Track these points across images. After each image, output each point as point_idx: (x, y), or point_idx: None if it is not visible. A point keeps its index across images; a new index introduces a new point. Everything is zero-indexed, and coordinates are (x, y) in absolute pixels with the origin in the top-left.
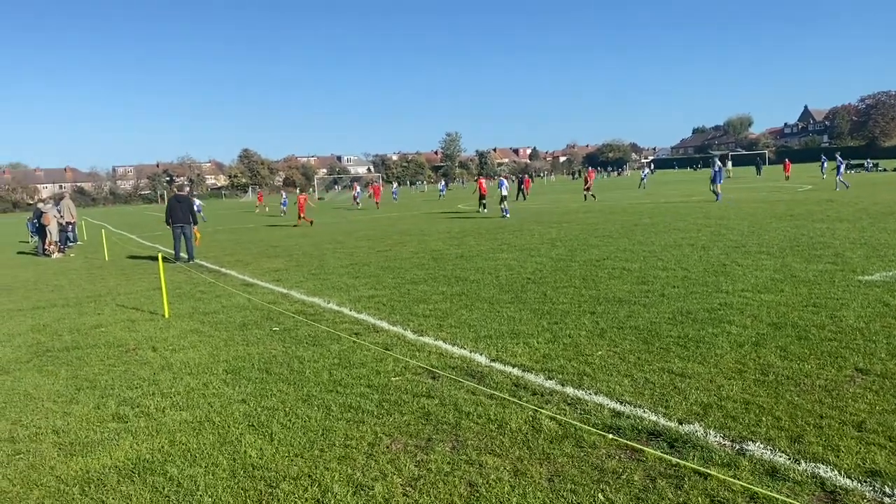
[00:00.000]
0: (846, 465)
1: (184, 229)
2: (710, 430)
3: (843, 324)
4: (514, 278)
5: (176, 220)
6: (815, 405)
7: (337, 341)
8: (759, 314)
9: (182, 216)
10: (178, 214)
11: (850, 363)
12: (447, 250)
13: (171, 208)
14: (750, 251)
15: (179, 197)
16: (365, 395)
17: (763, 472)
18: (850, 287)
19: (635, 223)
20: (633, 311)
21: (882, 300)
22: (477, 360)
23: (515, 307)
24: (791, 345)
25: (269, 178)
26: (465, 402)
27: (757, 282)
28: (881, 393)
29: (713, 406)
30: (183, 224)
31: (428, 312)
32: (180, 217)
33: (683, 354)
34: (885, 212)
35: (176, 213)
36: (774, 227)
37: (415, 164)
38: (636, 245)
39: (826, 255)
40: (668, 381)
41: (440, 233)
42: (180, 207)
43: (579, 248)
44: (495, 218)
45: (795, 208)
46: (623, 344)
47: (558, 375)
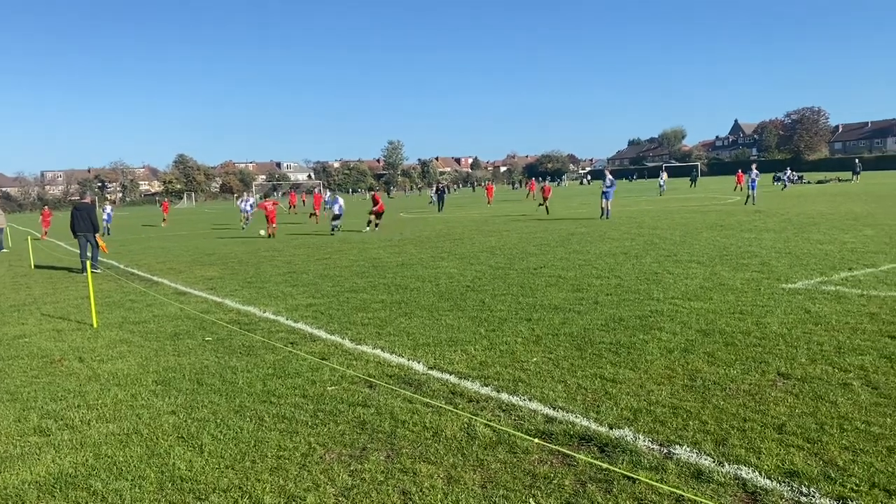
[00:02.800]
0: (767, 467)
1: (88, 238)
2: (640, 435)
3: (767, 330)
4: (454, 286)
5: (78, 230)
6: (740, 409)
7: (272, 351)
8: (688, 321)
9: (84, 225)
10: (79, 224)
11: (773, 368)
12: (388, 258)
13: (73, 218)
14: (681, 260)
15: (80, 206)
16: (299, 406)
17: (689, 475)
18: (775, 295)
19: (571, 232)
20: (568, 318)
21: (804, 307)
22: (415, 367)
23: (454, 315)
24: (718, 351)
25: (206, 185)
26: (402, 411)
27: (687, 289)
28: (801, 396)
29: (643, 411)
30: (86, 233)
31: (367, 321)
32: (82, 226)
33: (615, 360)
34: (809, 222)
35: (78, 223)
36: (705, 236)
37: (357, 172)
38: (572, 254)
39: (753, 264)
40: (599, 387)
41: (381, 241)
42: (81, 216)
43: (518, 256)
44: (437, 225)
45: (725, 219)
46: (558, 350)
47: (494, 382)
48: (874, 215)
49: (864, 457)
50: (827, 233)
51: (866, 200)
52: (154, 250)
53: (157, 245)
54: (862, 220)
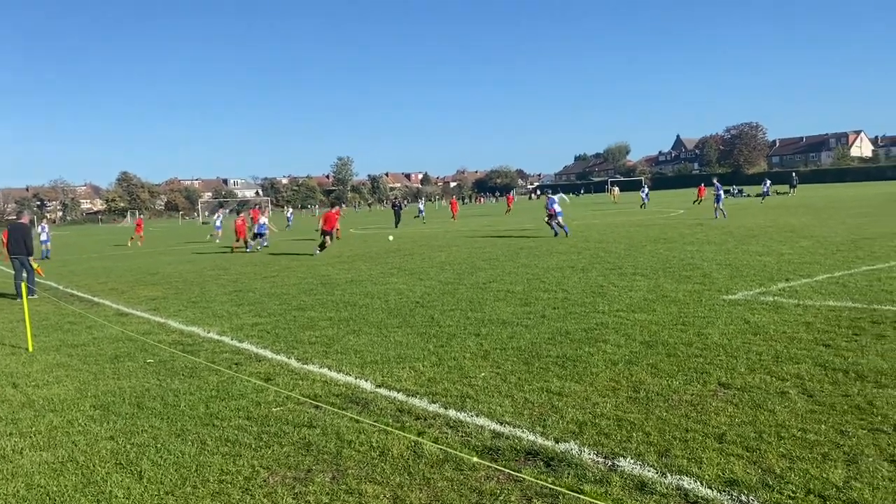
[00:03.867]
0: (708, 476)
1: (22, 261)
2: (585, 448)
3: (708, 341)
4: (403, 302)
5: (12, 252)
6: (682, 419)
7: (216, 372)
8: (632, 333)
9: (16, 247)
10: (12, 245)
11: (714, 378)
12: (337, 275)
13: (7, 239)
14: (626, 273)
15: (14, 227)
16: (243, 428)
17: (633, 487)
18: (716, 306)
19: (520, 247)
20: (516, 332)
21: (743, 318)
22: (362, 386)
23: (403, 331)
24: (661, 362)
25: (150, 202)
26: (348, 431)
27: (631, 302)
28: (740, 406)
29: (588, 424)
30: (20, 255)
31: (314, 339)
32: (15, 248)
33: (562, 374)
34: (748, 235)
35: (11, 244)
36: (649, 249)
37: (305, 188)
38: (520, 268)
39: (695, 276)
40: (546, 401)
41: (330, 257)
42: (14, 238)
43: (467, 271)
44: (383, 243)
45: (668, 232)
46: (505, 365)
47: (442, 398)
48: (810, 227)
49: (801, 464)
50: (766, 245)
51: (803, 213)
52: (95, 271)
53: (98, 265)
54: (799, 232)
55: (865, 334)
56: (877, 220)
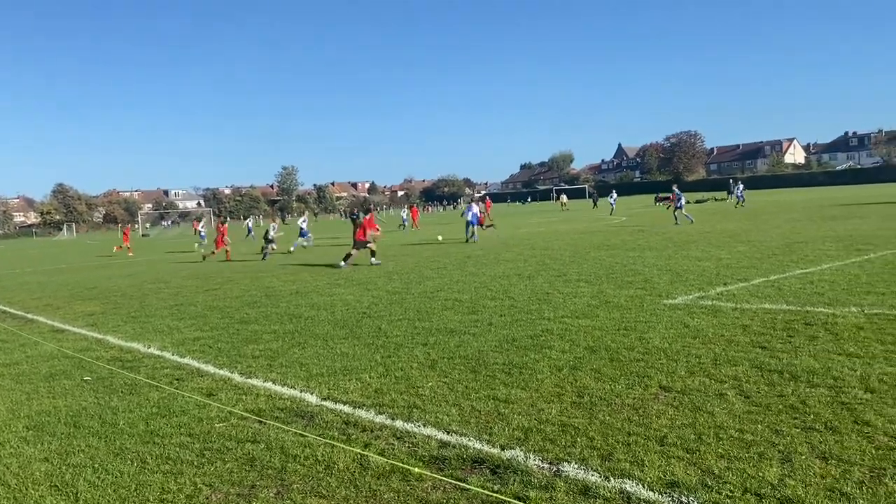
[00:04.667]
0: (649, 479)
1: None
2: (530, 454)
3: (649, 345)
4: (350, 313)
5: None
6: (624, 423)
7: (156, 389)
8: (576, 339)
9: None
10: None
11: (655, 381)
12: (282, 287)
13: None
14: (570, 279)
15: None
16: (185, 445)
17: (577, 492)
18: (657, 310)
19: (468, 255)
20: (464, 340)
21: (683, 322)
22: (307, 399)
23: (350, 342)
24: (604, 367)
25: (88, 215)
26: (293, 445)
27: (576, 308)
28: (680, 408)
29: (533, 430)
30: None
31: (258, 353)
32: None
33: (508, 381)
34: (688, 240)
35: None
36: (593, 256)
37: (249, 199)
38: (468, 276)
39: (636, 282)
40: (492, 408)
41: (274, 268)
42: None
43: (415, 280)
44: (329, 255)
45: (611, 238)
46: (453, 374)
47: (389, 409)
48: (747, 232)
49: (738, 463)
50: (704, 250)
51: (740, 218)
52: (30, 286)
53: (33, 280)
54: (736, 237)
55: (799, 336)
56: (809, 225)
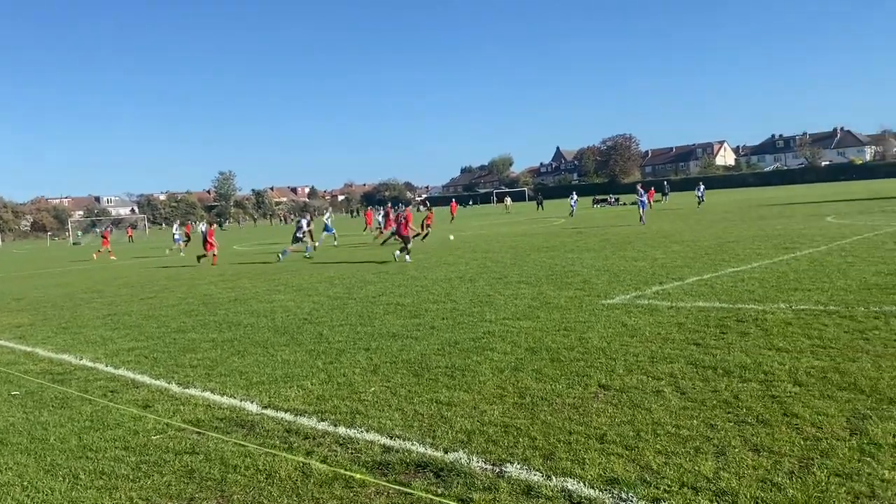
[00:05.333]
0: (590, 476)
1: None
2: (473, 456)
3: (589, 344)
4: (291, 320)
5: None
6: (565, 422)
7: (89, 402)
8: (518, 340)
9: None
10: None
11: (595, 381)
12: (219, 294)
13: None
14: (511, 281)
15: None
16: (120, 459)
17: (520, 493)
18: (596, 310)
19: (413, 261)
20: (406, 344)
21: (621, 321)
22: (247, 408)
23: (290, 349)
24: (545, 367)
25: (14, 223)
26: (233, 455)
27: (517, 310)
28: (619, 406)
29: (476, 432)
30: None
31: (196, 362)
32: None
33: (451, 384)
34: (624, 241)
35: None
36: (533, 258)
37: (185, 204)
38: (410, 280)
39: (575, 283)
40: (435, 412)
41: (213, 275)
42: None
43: (356, 285)
44: (270, 262)
45: (551, 240)
46: (395, 378)
47: (331, 416)
48: (681, 233)
49: (675, 458)
50: (641, 250)
51: (674, 219)
52: None
53: None
54: (671, 237)
55: (731, 332)
56: (740, 225)
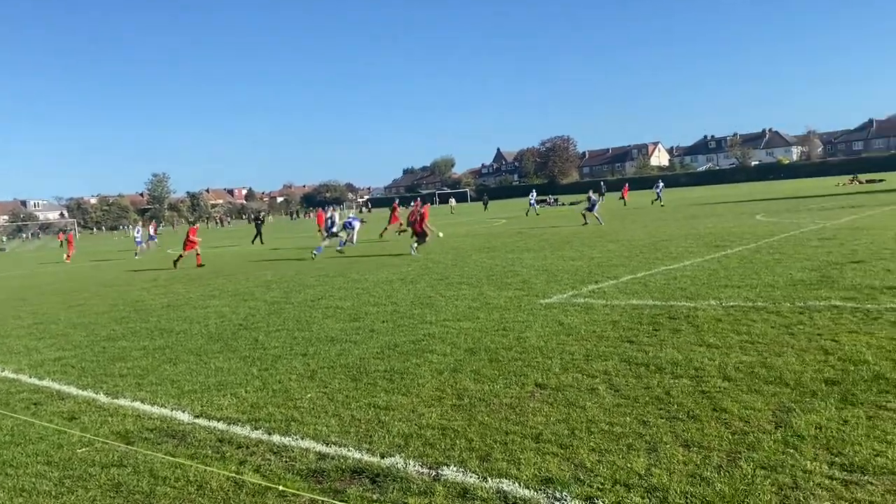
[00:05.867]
0: (525, 477)
1: None
2: (410, 461)
3: (526, 344)
4: (225, 326)
5: None
6: (502, 423)
7: (10, 415)
8: (457, 341)
9: None
10: None
11: (532, 380)
12: (152, 300)
13: None
14: (452, 282)
15: None
16: (42, 475)
17: (455, 495)
18: (534, 310)
19: (351, 262)
20: (345, 348)
21: (558, 320)
22: (179, 418)
23: (225, 356)
24: (484, 368)
25: None
26: (163, 467)
27: (457, 311)
28: (555, 405)
29: (413, 436)
30: None
31: (125, 371)
32: None
33: (389, 387)
34: (562, 241)
35: None
36: (474, 259)
37: (117, 208)
38: (350, 283)
39: (515, 283)
40: (373, 416)
41: (145, 281)
42: None
43: (295, 289)
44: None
45: (492, 241)
46: (333, 383)
47: (266, 424)
48: (616, 232)
49: (609, 456)
50: (578, 250)
51: (610, 218)
52: None
53: None
54: (606, 236)
55: (664, 329)
56: (673, 224)
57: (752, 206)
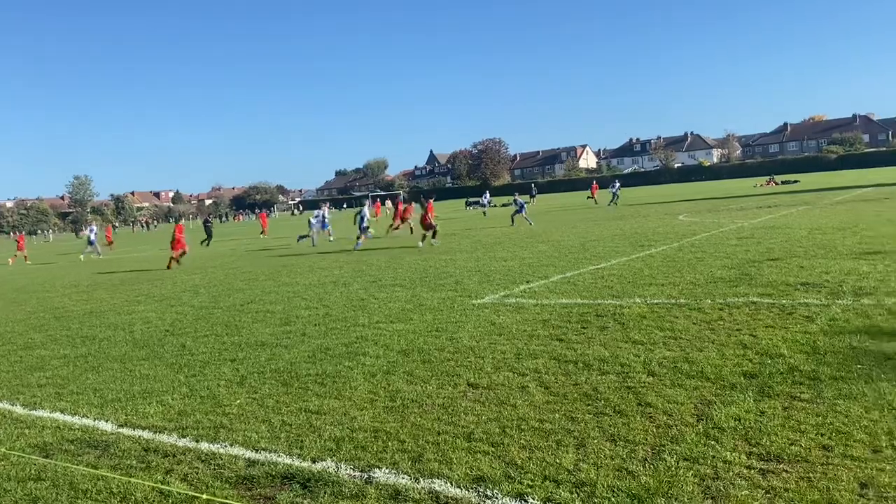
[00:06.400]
0: (457, 476)
1: None
2: (342, 464)
3: (459, 344)
4: (151, 332)
5: None
6: (434, 423)
7: None
8: (390, 343)
9: None
10: None
11: (464, 380)
12: (73, 307)
13: None
14: (385, 284)
15: None
16: None
17: (388, 497)
18: (466, 310)
19: (283, 264)
20: (275, 353)
21: (490, 320)
22: (101, 428)
23: (150, 363)
24: (417, 369)
25: None
26: (84, 479)
27: (390, 313)
28: (487, 404)
29: (345, 439)
30: None
31: (44, 381)
32: None
33: (321, 391)
34: (495, 242)
35: None
36: (408, 260)
37: (36, 212)
38: (281, 286)
39: (448, 284)
40: (304, 421)
41: (66, 287)
42: None
43: (224, 293)
44: (133, 270)
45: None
46: (263, 389)
47: (193, 432)
48: (548, 233)
49: (538, 453)
50: (510, 250)
51: (541, 220)
52: None
53: None
54: (537, 237)
55: (591, 327)
56: (601, 224)
57: (676, 207)
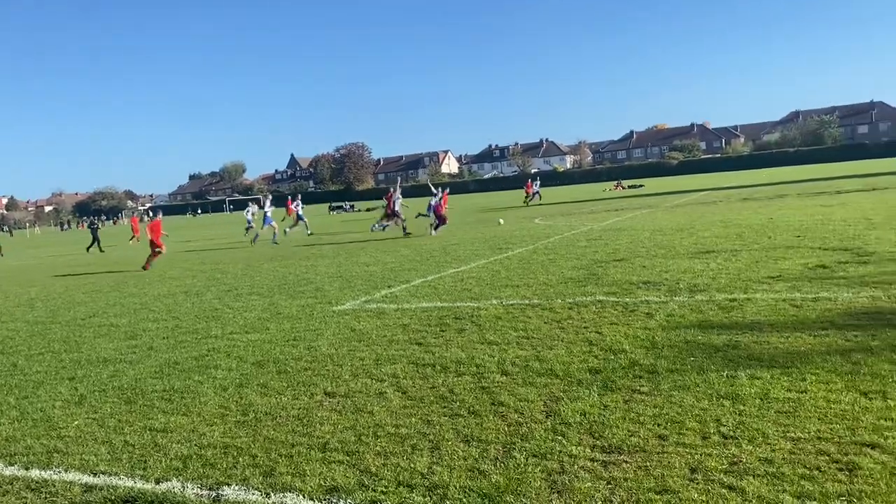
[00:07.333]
0: (310, 488)
1: None
2: (189, 483)
3: (317, 352)
4: None
5: None
6: (288, 435)
7: None
8: (244, 355)
9: None
10: None
11: (321, 389)
12: None
13: None
14: (241, 293)
15: None
16: None
17: None
18: (326, 317)
19: (129, 274)
20: (119, 369)
21: (350, 326)
22: None
23: None
24: (272, 380)
25: None
26: None
27: (246, 323)
28: (343, 412)
29: (193, 457)
30: None
31: None
32: None
33: (168, 408)
34: (358, 248)
35: None
36: (266, 268)
37: None
38: (127, 298)
39: (308, 291)
40: (149, 440)
41: None
42: None
43: (63, 306)
44: None
45: (283, 249)
46: (104, 408)
47: (23, 458)
48: (410, 238)
49: (393, 458)
50: (372, 255)
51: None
52: None
53: None
54: (401, 242)
55: (450, 329)
56: (463, 228)
57: (531, 211)
